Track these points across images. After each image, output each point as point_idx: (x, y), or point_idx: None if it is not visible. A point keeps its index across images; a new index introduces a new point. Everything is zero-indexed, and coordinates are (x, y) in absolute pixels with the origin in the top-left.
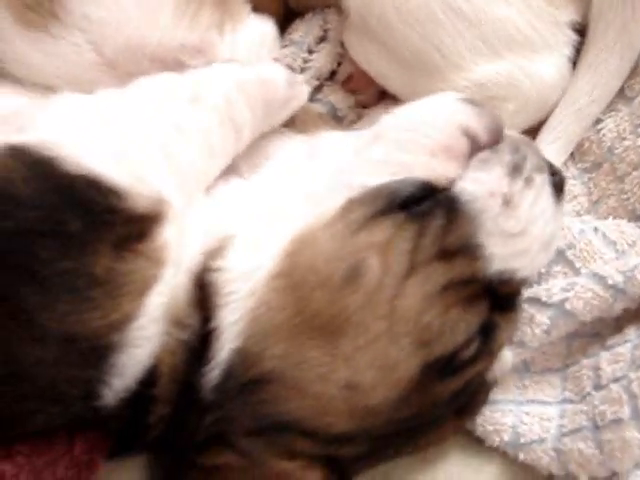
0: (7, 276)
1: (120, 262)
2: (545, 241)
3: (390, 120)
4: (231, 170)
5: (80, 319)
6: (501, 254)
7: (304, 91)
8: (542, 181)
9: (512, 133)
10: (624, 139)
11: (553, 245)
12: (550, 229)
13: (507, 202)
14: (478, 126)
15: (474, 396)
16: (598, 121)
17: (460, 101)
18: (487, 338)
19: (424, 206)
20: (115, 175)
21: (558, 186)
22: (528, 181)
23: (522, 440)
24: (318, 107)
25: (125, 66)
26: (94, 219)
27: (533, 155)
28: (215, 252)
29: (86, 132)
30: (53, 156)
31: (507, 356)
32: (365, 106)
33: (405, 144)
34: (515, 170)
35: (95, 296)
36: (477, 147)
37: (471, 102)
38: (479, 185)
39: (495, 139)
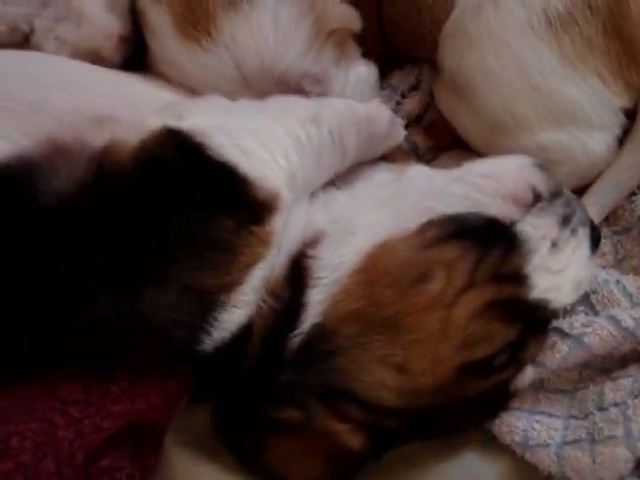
0: (150, 231)
1: (238, 237)
2: (577, 283)
3: (473, 166)
4: (330, 182)
5: (199, 275)
6: (541, 286)
7: (401, 133)
8: (584, 234)
9: (568, 192)
10: None
11: (582, 287)
12: (583, 274)
13: (554, 245)
14: (542, 186)
15: (497, 400)
16: (633, 194)
17: (533, 164)
18: (517, 352)
19: (488, 237)
20: (247, 168)
21: (595, 240)
22: (573, 232)
23: (530, 443)
24: (402, 144)
25: (256, 84)
26: (225, 198)
27: (581, 211)
28: (311, 243)
29: (228, 129)
30: (201, 143)
31: (528, 372)
32: (441, 149)
33: (482, 187)
34: (565, 221)
35: (214, 260)
36: (538, 199)
37: (541, 167)
38: (535, 229)
39: (553, 195)
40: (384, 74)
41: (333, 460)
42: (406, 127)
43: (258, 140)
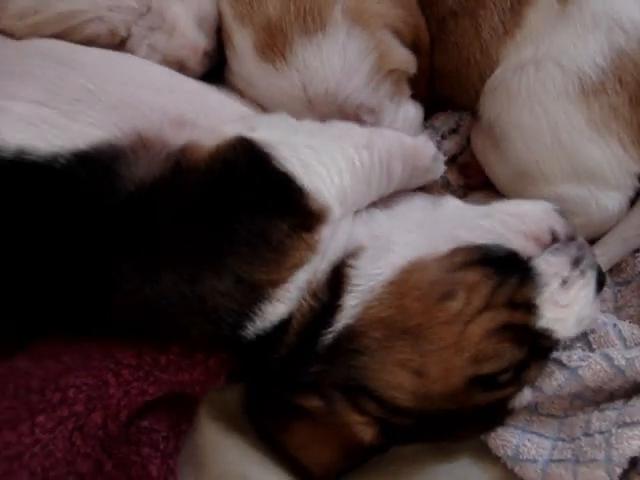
0: (214, 226)
1: (290, 240)
2: (580, 319)
3: (502, 205)
4: (373, 204)
5: (251, 269)
6: (548, 317)
7: (442, 168)
8: (591, 276)
9: (581, 238)
10: None
11: (584, 324)
12: (586, 311)
13: (564, 282)
14: (561, 230)
15: (496, 414)
16: (637, 251)
17: (555, 210)
18: (520, 372)
19: (507, 268)
20: (305, 180)
21: (600, 284)
22: (582, 273)
23: (520, 457)
24: (438, 179)
25: (318, 107)
26: (283, 204)
27: (591, 256)
28: (352, 254)
29: (293, 144)
30: (268, 153)
31: (527, 393)
32: (471, 188)
33: (508, 224)
34: (576, 262)
35: (267, 257)
36: (555, 241)
37: (561, 213)
38: (549, 266)
39: (569, 239)
40: (428, 115)
41: (345, 449)
42: None
43: (317, 158)
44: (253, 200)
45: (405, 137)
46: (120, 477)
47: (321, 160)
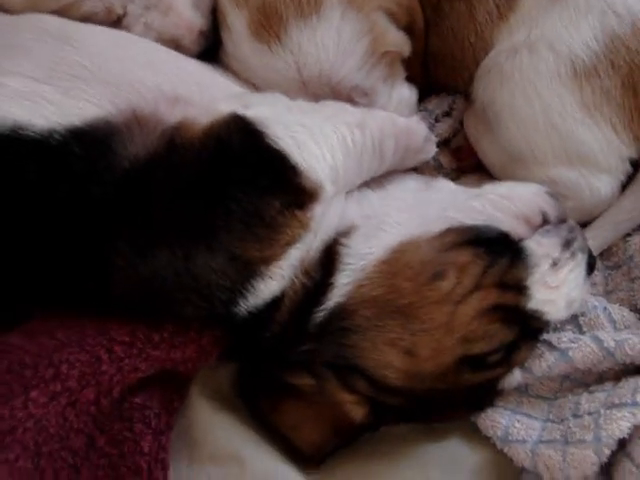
0: (207, 203)
1: (283, 218)
2: (570, 301)
3: (493, 187)
4: (365, 184)
5: (245, 246)
6: (538, 298)
7: (433, 149)
8: (582, 259)
9: (572, 221)
10: None
11: (574, 307)
12: (576, 293)
13: (554, 264)
14: (551, 212)
15: (486, 395)
16: (628, 235)
17: (546, 192)
18: (510, 353)
19: (498, 248)
20: (298, 158)
21: (590, 267)
22: (573, 255)
23: (509, 438)
24: (430, 161)
25: (312, 88)
26: (276, 182)
27: (582, 239)
28: (344, 233)
29: (287, 123)
30: (262, 131)
31: (517, 375)
32: (463, 171)
33: (499, 205)
34: (567, 244)
35: (260, 234)
36: (546, 222)
37: (553, 195)
38: (539, 246)
39: (560, 221)
40: (422, 98)
41: (336, 428)
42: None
43: (311, 136)
44: (246, 177)
45: (398, 117)
46: (112, 453)
47: (314, 139)
